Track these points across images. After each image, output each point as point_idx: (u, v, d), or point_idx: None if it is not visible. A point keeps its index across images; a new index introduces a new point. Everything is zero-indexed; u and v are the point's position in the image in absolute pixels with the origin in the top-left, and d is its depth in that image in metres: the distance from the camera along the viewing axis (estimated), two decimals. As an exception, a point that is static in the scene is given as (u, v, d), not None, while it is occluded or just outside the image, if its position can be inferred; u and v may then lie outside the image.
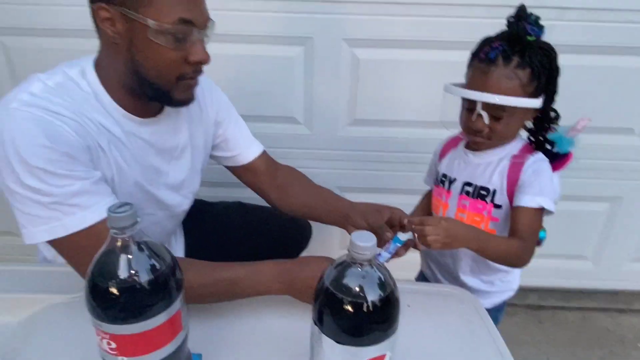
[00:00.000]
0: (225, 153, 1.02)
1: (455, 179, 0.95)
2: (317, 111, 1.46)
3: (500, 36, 0.82)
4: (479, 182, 0.90)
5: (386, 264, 0.65)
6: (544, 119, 0.87)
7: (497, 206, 0.88)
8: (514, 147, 0.90)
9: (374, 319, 0.49)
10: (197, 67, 0.75)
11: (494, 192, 0.88)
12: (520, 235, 0.83)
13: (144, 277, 0.49)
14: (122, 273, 0.48)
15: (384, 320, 0.49)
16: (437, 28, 1.33)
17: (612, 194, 1.57)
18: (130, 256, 0.49)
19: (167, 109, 0.84)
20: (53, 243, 0.69)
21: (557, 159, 0.89)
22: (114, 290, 0.48)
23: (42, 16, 1.32)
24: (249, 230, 1.22)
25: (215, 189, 1.53)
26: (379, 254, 0.74)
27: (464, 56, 1.39)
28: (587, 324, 1.65)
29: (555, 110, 0.87)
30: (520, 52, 0.79)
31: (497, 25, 1.33)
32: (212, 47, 1.31)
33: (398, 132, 1.47)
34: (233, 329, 0.74)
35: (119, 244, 0.48)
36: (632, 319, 1.68)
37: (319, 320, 0.51)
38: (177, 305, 0.53)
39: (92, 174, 0.70)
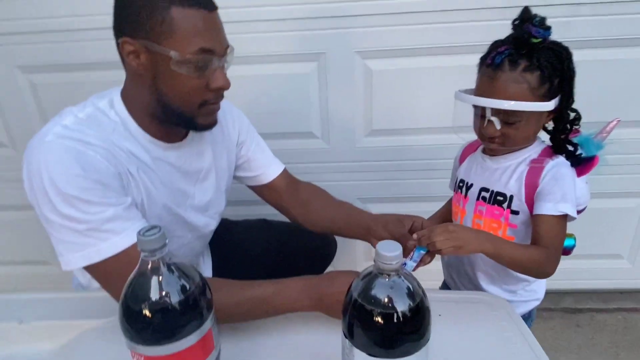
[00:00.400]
0: (248, 173, 1.04)
1: (472, 185, 0.93)
2: (333, 125, 1.47)
3: (507, 40, 0.81)
4: (496, 188, 0.88)
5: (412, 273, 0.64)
6: (562, 121, 0.84)
7: (514, 212, 0.86)
8: (533, 151, 0.87)
9: (405, 329, 0.48)
10: (218, 92, 0.78)
11: (511, 197, 0.86)
12: (543, 244, 0.81)
13: (175, 298, 0.50)
14: (154, 295, 0.49)
15: (416, 330, 0.49)
16: (446, 34, 1.33)
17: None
18: (160, 278, 0.50)
19: (192, 134, 0.87)
20: (89, 269, 0.71)
21: (583, 163, 0.86)
22: (147, 312, 0.49)
23: (67, 52, 1.38)
24: (274, 247, 1.23)
25: (239, 207, 1.55)
26: (404, 263, 0.73)
27: (475, 59, 1.39)
28: (629, 326, 1.58)
29: (575, 110, 0.84)
30: (528, 55, 0.77)
31: (506, 26, 1.33)
32: (229, 70, 1.34)
33: (415, 140, 1.47)
34: (263, 346, 0.74)
35: (149, 266, 0.50)
36: (676, 318, 1.60)
37: (349, 334, 0.51)
38: (208, 324, 0.53)
39: (123, 200, 0.72)
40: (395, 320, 0.47)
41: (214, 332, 0.56)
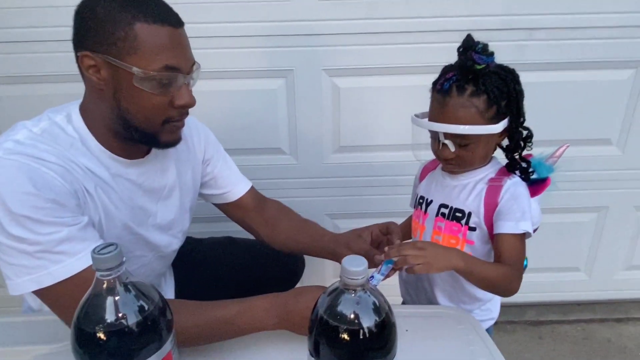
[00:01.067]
0: (214, 191, 1.02)
1: (431, 201, 0.94)
2: (301, 141, 1.47)
3: (455, 66, 0.83)
4: (455, 204, 0.90)
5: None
6: (513, 140, 0.86)
7: (472, 229, 0.88)
8: (491, 169, 0.89)
9: (371, 345, 0.47)
10: (182, 110, 0.76)
11: (469, 214, 0.88)
12: (507, 262, 0.82)
13: (132, 319, 0.47)
14: (109, 316, 0.47)
15: (382, 346, 0.48)
16: (411, 54, 1.37)
17: (597, 204, 1.60)
18: (117, 298, 0.47)
19: (154, 150, 0.84)
20: (39, 293, 0.67)
21: (535, 184, 0.88)
22: (102, 335, 0.46)
23: (25, 64, 1.33)
24: (240, 265, 1.20)
25: (203, 224, 1.52)
26: (372, 276, 0.73)
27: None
28: (588, 336, 1.64)
29: (527, 128, 0.87)
30: (474, 81, 0.79)
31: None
32: (196, 85, 1.33)
33: (382, 157, 1.49)
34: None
35: (104, 286, 0.47)
36: (631, 328, 1.67)
37: (315, 351, 0.50)
38: (167, 346, 0.51)
39: (79, 220, 0.68)
40: (361, 336, 0.47)
41: (174, 355, 0.53)
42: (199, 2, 1.28)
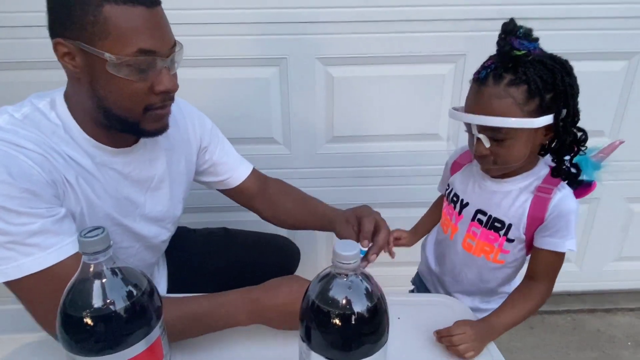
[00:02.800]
0: (215, 178, 1.01)
1: (467, 203, 0.88)
2: (295, 130, 1.46)
3: (495, 55, 0.76)
4: (494, 213, 0.84)
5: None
6: (560, 140, 0.77)
7: (510, 240, 0.83)
8: (537, 175, 0.82)
9: (363, 330, 0.47)
10: (164, 96, 0.72)
11: (509, 226, 0.82)
12: (543, 278, 0.80)
13: (120, 304, 0.47)
14: (96, 301, 0.46)
15: (374, 331, 0.48)
16: (406, 43, 1.36)
17: (589, 195, 1.60)
18: (103, 282, 0.46)
19: (143, 139, 0.82)
20: (8, 284, 0.64)
21: (581, 186, 0.82)
22: (89, 320, 0.45)
23: (10, 50, 1.30)
24: (235, 256, 1.19)
25: (198, 214, 1.51)
26: None
27: (434, 69, 1.43)
28: (578, 327, 1.65)
29: (581, 130, 0.78)
30: (513, 69, 0.72)
31: (463, 37, 1.38)
32: (186, 73, 1.30)
33: (376, 147, 1.48)
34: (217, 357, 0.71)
35: (91, 270, 0.46)
36: (620, 318, 1.69)
37: (306, 337, 0.49)
38: (156, 332, 0.50)
39: (55, 212, 0.66)
40: (353, 321, 0.46)
41: (164, 340, 0.52)
42: (191, -12, 1.26)
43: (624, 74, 1.43)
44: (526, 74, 0.71)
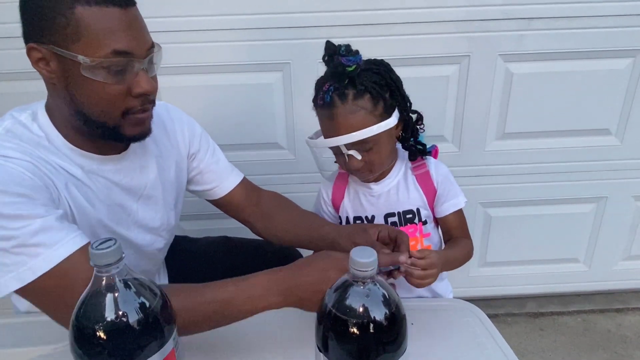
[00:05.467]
0: (201, 187, 0.97)
1: (373, 217, 0.91)
2: (299, 135, 1.45)
3: (327, 76, 0.81)
4: (401, 208, 0.89)
5: None
6: (409, 126, 0.86)
7: (424, 222, 0.89)
8: (404, 160, 0.91)
9: (383, 339, 0.46)
10: (143, 99, 0.70)
11: (418, 210, 0.89)
12: (462, 235, 0.90)
13: (133, 317, 0.45)
14: (109, 315, 0.45)
15: (394, 339, 0.47)
16: (408, 46, 1.36)
17: (596, 194, 1.59)
18: (116, 295, 0.45)
19: (133, 146, 0.81)
20: (23, 291, 0.63)
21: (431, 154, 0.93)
22: (102, 334, 0.44)
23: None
24: (236, 265, 1.16)
25: (198, 222, 1.49)
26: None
27: (438, 71, 1.42)
28: (589, 327, 1.64)
29: (415, 112, 0.86)
30: (351, 84, 0.77)
31: (464, 38, 1.37)
32: (190, 80, 1.30)
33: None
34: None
35: (103, 283, 0.45)
36: (631, 318, 1.67)
37: (323, 347, 0.48)
38: (170, 345, 0.49)
39: (53, 212, 0.65)
40: (372, 330, 0.45)
41: (178, 351, 0.51)
42: (193, -5, 1.26)
43: (629, 71, 1.43)
44: (363, 84, 0.77)
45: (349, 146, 0.79)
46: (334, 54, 0.78)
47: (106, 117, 0.69)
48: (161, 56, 0.73)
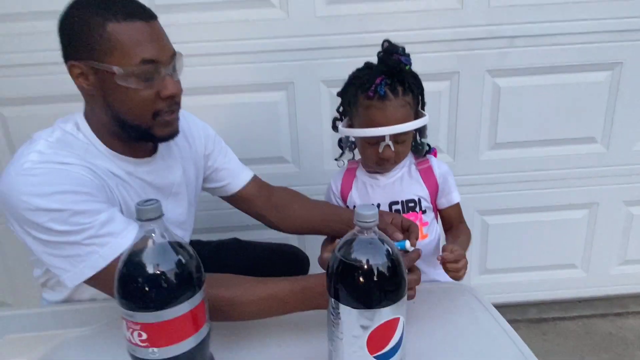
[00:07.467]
0: (216, 184, 1.06)
1: (379, 204, 0.99)
2: (303, 149, 1.55)
3: (378, 71, 0.89)
4: (404, 197, 0.98)
5: None
6: (424, 128, 0.96)
7: (424, 211, 0.98)
8: (409, 156, 1.01)
9: (383, 280, 0.53)
10: (170, 101, 0.79)
11: (420, 200, 0.98)
12: (462, 223, 1.02)
13: (170, 268, 0.53)
14: (151, 263, 0.52)
15: (393, 281, 0.54)
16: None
17: (587, 200, 1.67)
18: (157, 249, 0.53)
19: (161, 149, 0.90)
20: (94, 279, 0.71)
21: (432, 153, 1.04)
22: (144, 280, 0.52)
23: (36, 85, 1.41)
24: (246, 266, 1.23)
25: (211, 235, 1.56)
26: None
27: (430, 86, 1.52)
28: (590, 331, 1.67)
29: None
30: (401, 82, 0.87)
31: (458, 56, 1.47)
32: (204, 99, 1.41)
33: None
34: (250, 341, 0.76)
35: (146, 239, 0.53)
36: (631, 321, 1.70)
37: (335, 295, 0.55)
38: (199, 297, 0.56)
39: (112, 207, 0.75)
40: (375, 271, 0.52)
41: (205, 307, 0.58)
42: (205, 22, 1.39)
43: (608, 83, 1.53)
44: (409, 83, 0.88)
45: (392, 136, 0.88)
46: (394, 52, 0.89)
47: (139, 120, 0.78)
48: (182, 63, 0.83)
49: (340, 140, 1.04)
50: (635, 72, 1.51)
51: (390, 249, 0.54)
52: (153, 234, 0.53)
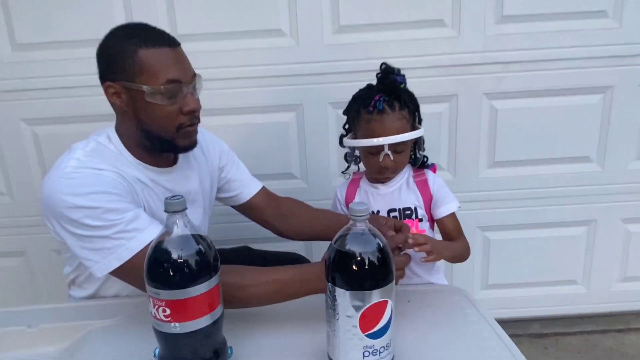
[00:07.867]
0: (228, 194, 1.17)
1: (379, 211, 1.08)
2: (311, 166, 1.65)
3: (377, 89, 1.02)
4: (401, 205, 1.07)
5: None
6: (419, 141, 1.07)
7: (420, 220, 1.06)
8: (406, 168, 1.10)
9: (373, 266, 0.62)
10: (191, 115, 0.90)
11: (416, 208, 1.06)
12: (460, 235, 1.06)
13: (192, 253, 0.63)
14: (176, 249, 0.62)
15: (381, 267, 0.62)
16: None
17: (585, 217, 1.72)
18: (181, 237, 0.63)
19: (180, 160, 1.01)
20: (120, 270, 0.81)
21: (431, 168, 1.13)
22: (170, 263, 0.61)
23: (65, 107, 1.55)
24: None
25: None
26: None
27: (430, 108, 1.62)
28: (591, 346, 1.70)
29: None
30: (397, 98, 0.99)
31: (456, 80, 1.56)
32: (219, 120, 1.53)
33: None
34: (260, 327, 0.84)
35: (172, 228, 0.63)
36: (633, 337, 1.73)
37: (332, 280, 0.64)
38: (215, 280, 0.66)
39: (138, 208, 0.85)
40: (366, 258, 0.61)
41: (220, 290, 0.67)
42: (223, 50, 1.52)
43: (600, 106, 1.62)
44: (404, 100, 1.00)
45: (391, 146, 0.98)
46: (390, 72, 1.02)
47: (165, 132, 0.90)
48: (202, 83, 0.95)
49: (346, 155, 1.14)
50: (625, 95, 1.60)
51: (379, 241, 0.63)
52: (176, 225, 0.63)
